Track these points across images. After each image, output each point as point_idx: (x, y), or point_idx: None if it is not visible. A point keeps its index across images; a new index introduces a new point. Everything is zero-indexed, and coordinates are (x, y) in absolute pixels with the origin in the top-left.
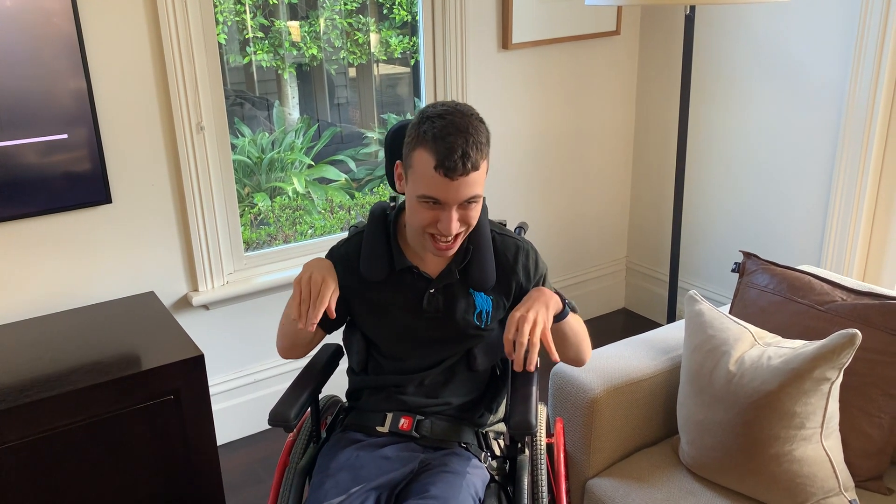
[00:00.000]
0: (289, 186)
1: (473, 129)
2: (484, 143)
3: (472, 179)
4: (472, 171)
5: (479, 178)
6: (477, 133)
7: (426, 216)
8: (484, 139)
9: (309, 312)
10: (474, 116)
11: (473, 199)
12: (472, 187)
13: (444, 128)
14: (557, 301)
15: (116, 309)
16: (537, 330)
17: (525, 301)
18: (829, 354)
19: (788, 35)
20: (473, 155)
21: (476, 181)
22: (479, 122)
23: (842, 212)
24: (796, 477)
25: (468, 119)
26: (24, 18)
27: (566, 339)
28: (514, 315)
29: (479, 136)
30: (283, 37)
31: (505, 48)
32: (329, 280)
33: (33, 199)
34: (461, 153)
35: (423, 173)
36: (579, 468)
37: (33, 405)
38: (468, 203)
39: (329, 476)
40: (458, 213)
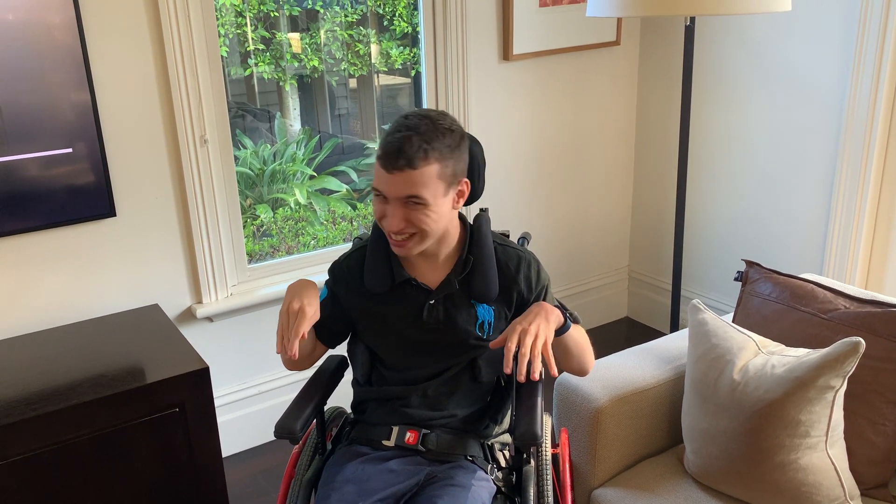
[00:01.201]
0: (291, 198)
1: (426, 130)
2: (437, 147)
3: (410, 178)
4: (408, 168)
5: (420, 180)
6: (428, 135)
7: (377, 209)
8: (439, 144)
9: (288, 342)
10: (441, 124)
11: (416, 199)
12: (410, 186)
13: (400, 125)
14: (559, 315)
15: (121, 322)
16: (538, 343)
17: (526, 314)
18: (832, 363)
19: (789, 44)
20: (410, 152)
21: (415, 181)
22: (444, 128)
23: (843, 219)
24: (801, 485)
25: (428, 122)
26: (27, 32)
27: (569, 351)
28: (514, 327)
29: (429, 138)
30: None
31: (506, 59)
32: (306, 308)
33: (38, 212)
34: (397, 147)
35: (376, 165)
36: (584, 478)
37: (38, 419)
38: (414, 204)
39: (335, 489)
40: (401, 212)
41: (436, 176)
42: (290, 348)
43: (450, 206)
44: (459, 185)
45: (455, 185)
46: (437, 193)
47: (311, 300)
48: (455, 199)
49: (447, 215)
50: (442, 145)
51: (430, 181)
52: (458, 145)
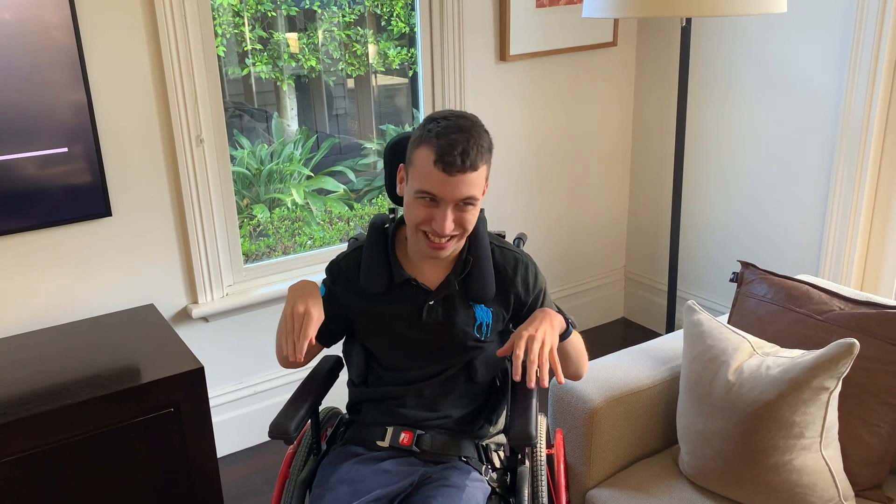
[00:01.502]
0: (288, 198)
1: (476, 132)
2: (485, 148)
3: (469, 179)
4: (470, 171)
5: (477, 181)
6: (479, 136)
7: (421, 213)
8: (486, 144)
9: (296, 346)
10: (478, 123)
11: (470, 201)
12: (469, 187)
13: (448, 127)
14: (561, 321)
15: (116, 321)
16: (545, 349)
17: (531, 321)
18: (827, 364)
19: (785, 46)
20: (473, 154)
21: (474, 182)
22: (482, 129)
23: (839, 221)
24: (796, 486)
25: (472, 122)
26: (23, 31)
27: (568, 356)
28: (521, 334)
29: (480, 139)
30: (281, 49)
31: (503, 60)
32: (311, 310)
33: (33, 212)
34: (461, 150)
35: (423, 168)
36: (579, 479)
37: (33, 418)
38: (465, 205)
39: (329, 489)
40: (453, 214)
41: (485, 176)
42: (299, 353)
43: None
44: (487, 181)
45: (488, 181)
46: (482, 192)
47: (316, 302)
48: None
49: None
50: (487, 144)
51: (482, 181)
52: (491, 144)
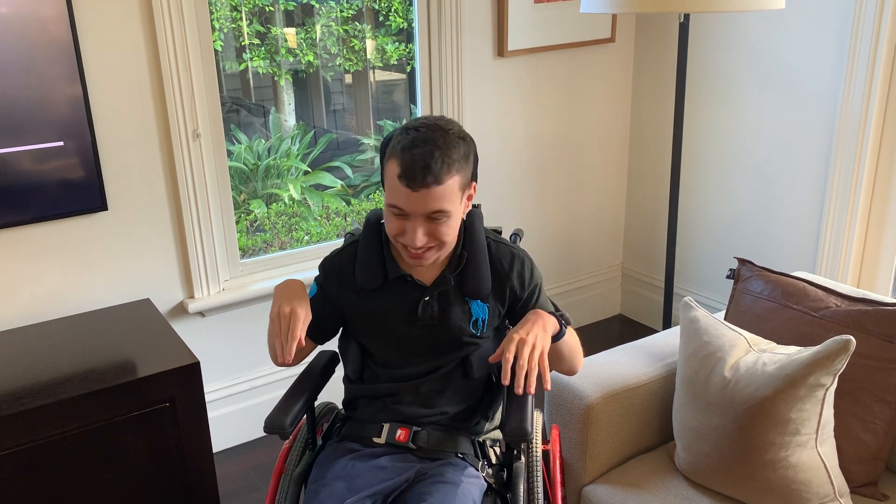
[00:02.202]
0: (285, 193)
1: (444, 144)
2: (456, 159)
3: (435, 193)
4: (434, 185)
5: (445, 194)
6: (448, 147)
7: (394, 225)
8: (458, 155)
9: (284, 347)
10: (453, 132)
11: (439, 214)
12: (435, 201)
13: (415, 140)
14: (554, 323)
15: (112, 316)
16: (536, 354)
17: (523, 323)
18: (823, 361)
19: (782, 42)
20: (436, 169)
21: (440, 196)
22: (457, 137)
23: (836, 218)
24: (791, 483)
25: (443, 133)
26: (19, 25)
27: (561, 356)
28: (512, 337)
29: (449, 150)
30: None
31: (500, 55)
32: (298, 310)
33: (29, 206)
34: (423, 165)
35: (390, 182)
36: (575, 475)
37: (27, 413)
38: (435, 218)
39: (324, 485)
40: (424, 227)
41: (457, 188)
42: (288, 354)
43: (462, 211)
44: (470, 189)
45: (468, 190)
46: (457, 203)
47: (302, 301)
48: (466, 204)
49: (460, 221)
50: (458, 155)
51: (453, 194)
52: (469, 151)
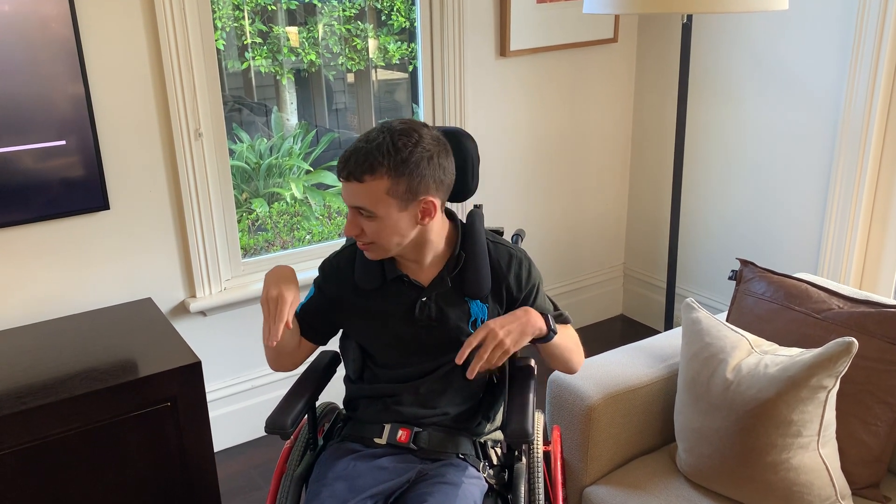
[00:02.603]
0: (287, 192)
1: (380, 146)
2: (383, 165)
3: (356, 189)
4: (354, 181)
5: (365, 193)
6: (381, 150)
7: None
8: (392, 162)
9: (272, 329)
10: (401, 139)
11: (363, 211)
12: (356, 197)
13: (366, 136)
14: (541, 327)
15: (113, 315)
16: (498, 352)
17: (506, 316)
18: (825, 362)
19: (785, 44)
20: (353, 165)
21: (361, 193)
22: (400, 146)
23: (838, 220)
24: (793, 485)
25: (388, 137)
26: (21, 24)
27: (553, 356)
28: (487, 324)
29: (381, 154)
30: (281, 43)
31: (503, 55)
32: (285, 293)
33: (31, 205)
34: (348, 158)
35: None
36: (576, 476)
37: (29, 412)
38: (363, 214)
39: (325, 485)
40: (355, 219)
41: (384, 191)
42: (275, 335)
43: (410, 222)
44: (422, 203)
45: (413, 203)
46: (389, 209)
47: (289, 285)
48: (418, 216)
49: (407, 230)
50: (394, 163)
51: (378, 196)
52: (419, 164)
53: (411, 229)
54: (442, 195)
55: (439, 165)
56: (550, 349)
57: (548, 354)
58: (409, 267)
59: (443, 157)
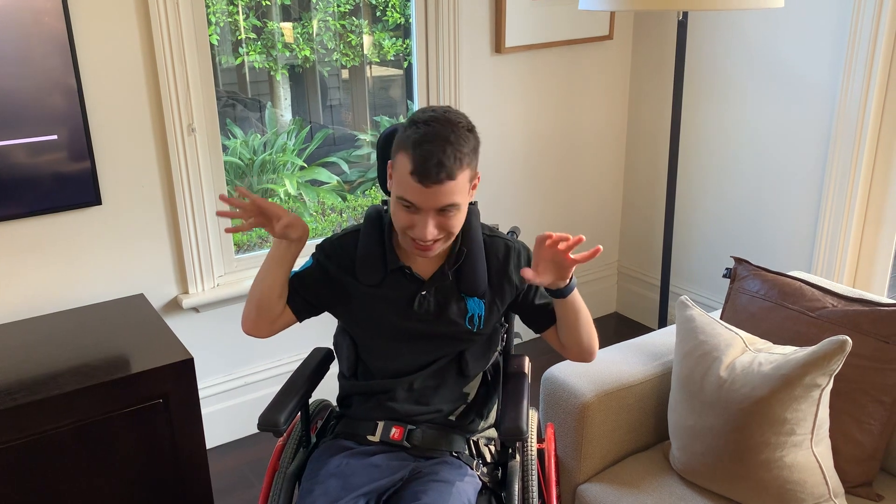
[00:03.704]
0: (280, 188)
1: (455, 139)
2: (467, 153)
3: (447, 188)
4: (448, 181)
5: (457, 188)
6: (458, 142)
7: (404, 219)
8: (468, 149)
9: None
10: (462, 125)
11: (451, 208)
12: (447, 196)
13: (426, 135)
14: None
15: (105, 311)
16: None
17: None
18: (819, 361)
19: (781, 41)
20: (449, 165)
21: (452, 191)
22: (466, 131)
23: (833, 218)
24: (786, 483)
25: (453, 127)
26: (13, 17)
27: (576, 316)
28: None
29: (460, 145)
30: (275, 38)
31: (498, 52)
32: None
33: (22, 199)
34: (436, 162)
35: (401, 177)
36: (570, 474)
37: (19, 409)
38: (446, 211)
39: (318, 483)
40: (435, 220)
41: (468, 180)
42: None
43: (468, 201)
44: (476, 178)
45: (474, 180)
46: (465, 195)
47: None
48: (471, 193)
49: (467, 209)
50: (469, 149)
51: (464, 187)
52: (477, 143)
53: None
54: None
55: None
56: (576, 306)
57: (573, 317)
58: (412, 258)
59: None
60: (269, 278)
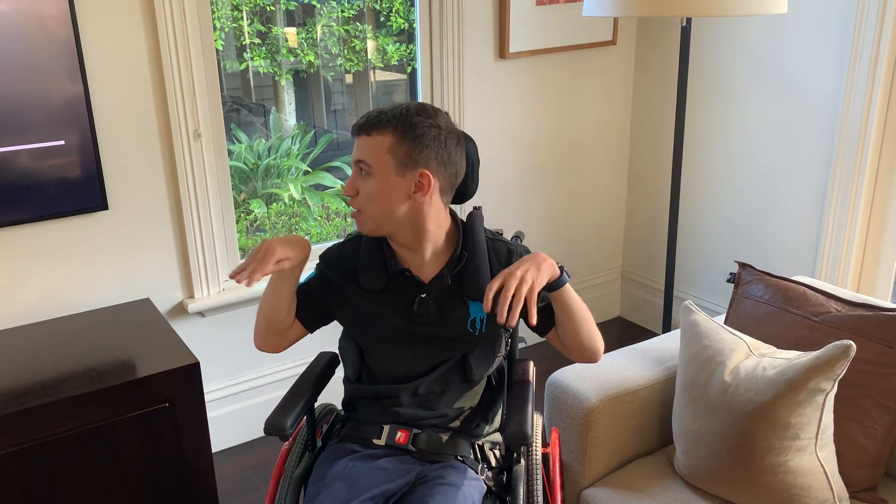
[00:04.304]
0: (285, 193)
1: (398, 108)
2: (393, 124)
3: (363, 142)
4: (363, 134)
5: (371, 145)
6: (395, 113)
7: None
8: (402, 124)
9: (253, 274)
10: (416, 111)
11: (362, 166)
12: (361, 149)
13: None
14: (552, 265)
15: (112, 316)
16: (524, 287)
17: (517, 262)
18: (823, 365)
19: (784, 47)
20: (368, 119)
21: (366, 146)
22: (414, 115)
23: (836, 223)
24: (791, 488)
25: (409, 105)
26: (21, 23)
27: (571, 311)
28: (502, 272)
29: (394, 116)
30: (280, 43)
31: (502, 57)
32: (278, 248)
33: (29, 205)
34: (367, 113)
35: None
36: (575, 478)
37: (27, 413)
38: (362, 171)
39: (324, 486)
40: (355, 178)
41: (386, 148)
42: (250, 282)
43: (402, 193)
44: (418, 174)
45: (411, 169)
46: (386, 168)
47: (288, 247)
48: (412, 188)
49: (397, 201)
50: (403, 125)
51: (380, 152)
52: (425, 135)
53: (402, 202)
54: (442, 179)
55: (445, 146)
56: (567, 302)
57: (568, 312)
58: (410, 260)
59: (451, 143)
60: (276, 296)
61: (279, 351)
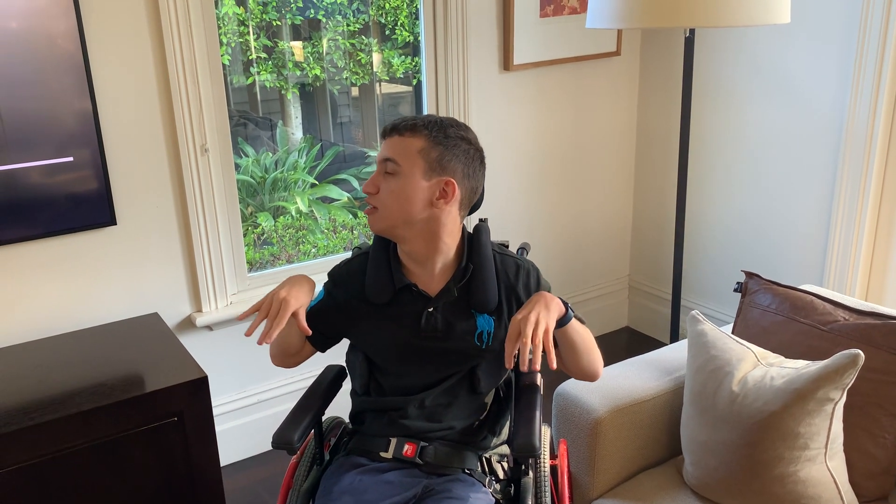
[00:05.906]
0: (292, 206)
1: (432, 117)
2: (426, 128)
3: (393, 142)
4: (396, 134)
5: (402, 144)
6: (427, 120)
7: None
8: (435, 131)
9: (271, 330)
10: (447, 121)
11: (389, 164)
12: (391, 147)
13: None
14: (559, 304)
15: (120, 330)
16: (539, 331)
17: (526, 304)
18: (832, 375)
19: (788, 56)
20: (403, 122)
21: (396, 144)
22: (446, 126)
23: (843, 231)
24: (801, 498)
25: (443, 118)
26: (29, 40)
27: (574, 346)
28: (515, 318)
29: (426, 122)
30: (286, 57)
31: (506, 69)
32: (290, 298)
33: (38, 221)
34: (400, 119)
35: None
36: (583, 490)
37: (36, 428)
38: (388, 169)
39: (332, 500)
40: (378, 176)
41: (417, 149)
42: (269, 338)
43: (425, 198)
44: (444, 181)
45: (438, 175)
46: (414, 168)
47: (298, 294)
48: (436, 194)
49: (419, 206)
50: (436, 132)
51: (410, 151)
52: (458, 144)
53: (423, 206)
54: (464, 191)
55: (471, 161)
56: (571, 335)
57: (570, 345)
58: (418, 275)
59: (477, 161)
60: (286, 329)
61: (294, 366)
